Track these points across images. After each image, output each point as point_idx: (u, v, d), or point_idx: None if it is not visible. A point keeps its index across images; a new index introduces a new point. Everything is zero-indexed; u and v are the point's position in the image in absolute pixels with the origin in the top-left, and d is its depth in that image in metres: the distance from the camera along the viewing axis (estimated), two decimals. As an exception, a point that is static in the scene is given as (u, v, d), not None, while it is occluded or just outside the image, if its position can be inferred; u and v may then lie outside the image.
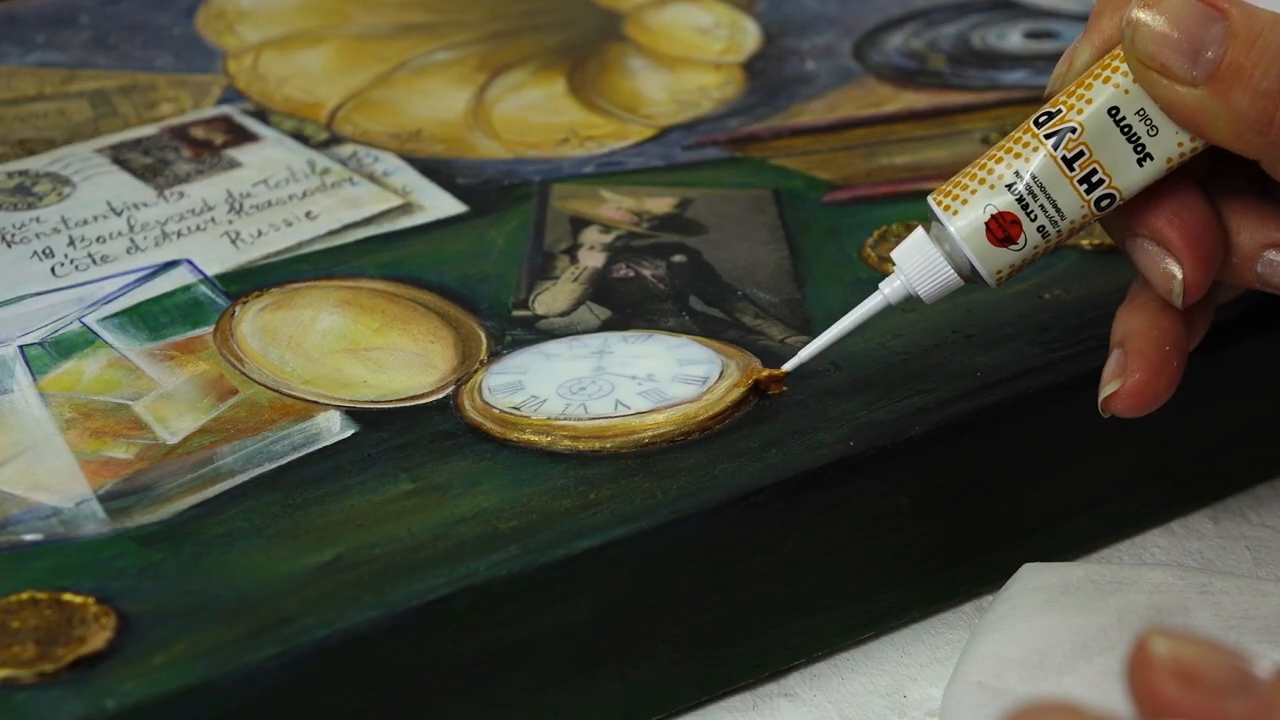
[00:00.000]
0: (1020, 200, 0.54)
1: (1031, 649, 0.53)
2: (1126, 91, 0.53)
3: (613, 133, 0.75)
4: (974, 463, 0.58)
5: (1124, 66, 0.53)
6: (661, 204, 0.69)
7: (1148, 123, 0.53)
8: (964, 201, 0.54)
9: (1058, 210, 0.54)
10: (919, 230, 0.56)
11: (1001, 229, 0.54)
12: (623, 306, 0.63)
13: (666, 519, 0.54)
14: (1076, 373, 0.59)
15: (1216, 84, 0.51)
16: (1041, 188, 0.54)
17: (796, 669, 0.57)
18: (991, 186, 0.54)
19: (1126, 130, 0.53)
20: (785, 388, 0.58)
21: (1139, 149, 0.53)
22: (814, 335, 0.60)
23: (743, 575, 0.55)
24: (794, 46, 0.81)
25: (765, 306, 0.63)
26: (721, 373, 0.59)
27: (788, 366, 0.58)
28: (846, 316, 0.57)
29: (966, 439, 0.58)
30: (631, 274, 0.65)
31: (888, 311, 0.57)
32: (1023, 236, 0.54)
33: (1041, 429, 0.59)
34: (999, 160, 0.54)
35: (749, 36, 0.83)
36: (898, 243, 0.56)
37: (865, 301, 0.57)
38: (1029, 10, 0.84)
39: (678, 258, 0.66)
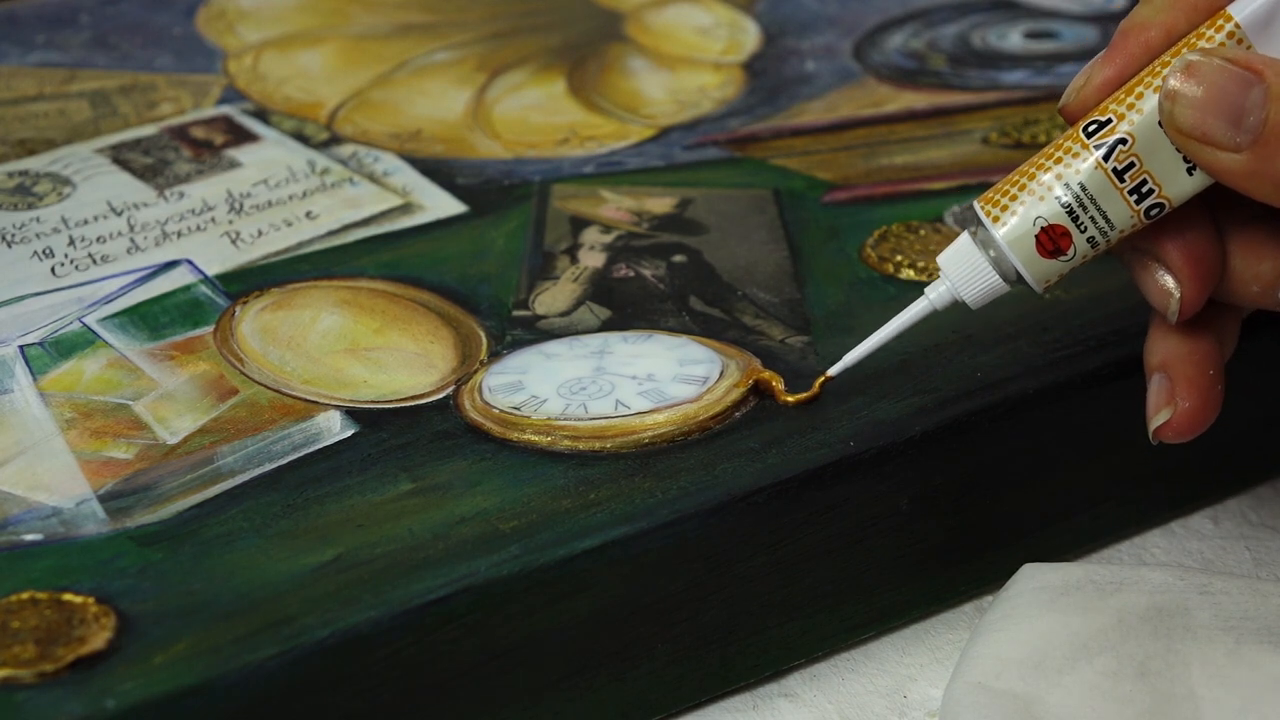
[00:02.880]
0: (1070, 212, 0.53)
1: (1031, 649, 0.53)
2: None
3: (613, 133, 0.75)
4: (974, 463, 0.58)
5: None
6: (661, 204, 0.69)
7: None
8: (1011, 212, 0.53)
9: (1108, 221, 0.53)
10: (964, 235, 0.55)
11: (1052, 241, 0.53)
12: (623, 306, 0.63)
13: (666, 519, 0.54)
14: (1077, 373, 0.59)
15: (1262, 147, 0.50)
16: (1092, 199, 0.53)
17: (796, 669, 0.57)
18: (1041, 197, 0.53)
19: None
20: (785, 388, 0.58)
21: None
22: (813, 335, 0.60)
23: (743, 575, 0.55)
24: (794, 46, 0.81)
25: (765, 306, 0.63)
26: (721, 373, 0.59)
27: (832, 371, 0.57)
28: (891, 322, 0.56)
29: (966, 439, 0.58)
30: (631, 274, 0.65)
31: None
32: (1072, 248, 0.53)
33: (1042, 429, 0.59)
34: (1046, 169, 0.53)
35: (749, 36, 0.83)
36: (898, 242, 0.56)
37: (910, 307, 0.56)
38: (1029, 10, 0.84)
39: (678, 258, 0.66)
